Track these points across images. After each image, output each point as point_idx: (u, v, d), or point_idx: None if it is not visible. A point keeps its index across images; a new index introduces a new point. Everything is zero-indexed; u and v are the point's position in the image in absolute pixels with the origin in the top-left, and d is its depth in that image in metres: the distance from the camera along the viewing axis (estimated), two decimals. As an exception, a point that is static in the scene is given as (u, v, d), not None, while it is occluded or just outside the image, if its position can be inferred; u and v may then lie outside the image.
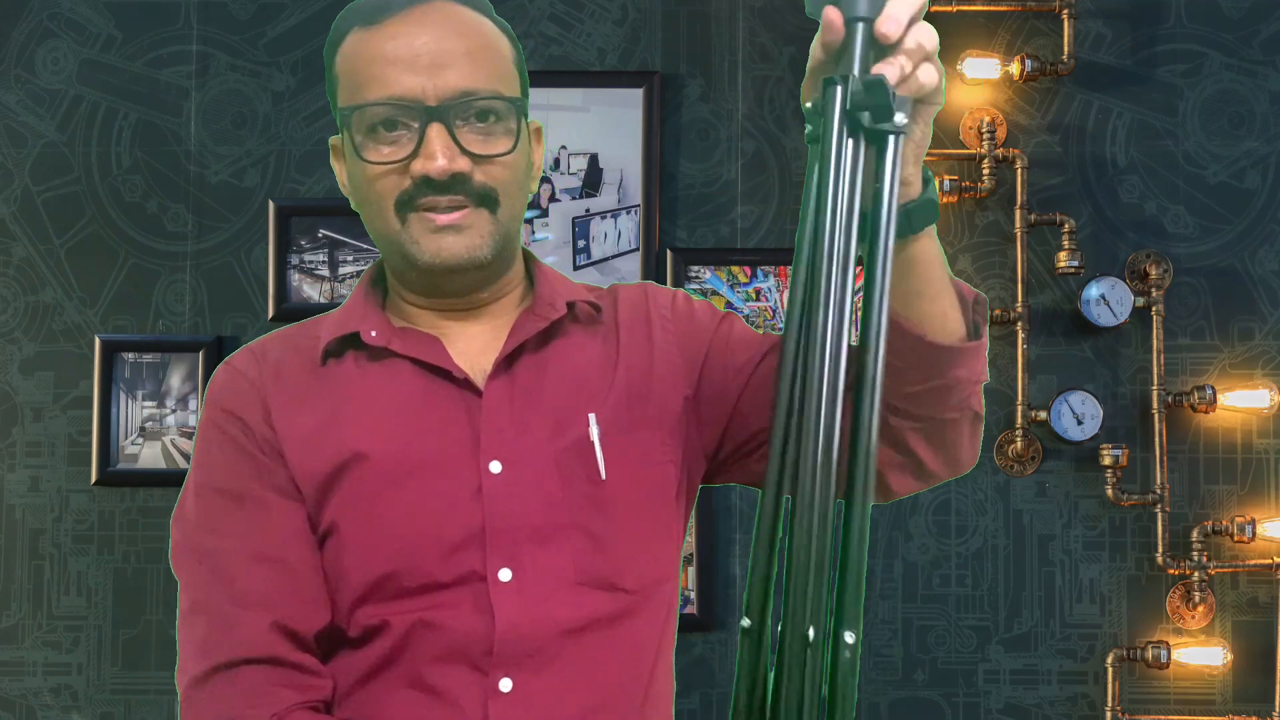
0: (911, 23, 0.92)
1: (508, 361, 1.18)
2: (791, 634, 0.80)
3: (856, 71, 0.88)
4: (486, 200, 1.13)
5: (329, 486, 1.14)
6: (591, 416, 1.16)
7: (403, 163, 1.12)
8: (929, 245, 1.04)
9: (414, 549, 1.12)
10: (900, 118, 0.89)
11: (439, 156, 1.10)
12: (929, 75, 0.95)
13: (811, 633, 0.80)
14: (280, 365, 1.19)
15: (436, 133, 1.10)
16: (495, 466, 1.13)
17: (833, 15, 0.90)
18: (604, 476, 1.15)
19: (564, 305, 1.20)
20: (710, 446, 1.24)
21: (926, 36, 0.94)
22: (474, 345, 1.20)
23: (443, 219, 1.12)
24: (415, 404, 1.16)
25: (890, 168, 0.89)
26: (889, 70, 0.91)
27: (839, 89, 0.86)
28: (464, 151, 1.11)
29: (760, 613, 0.83)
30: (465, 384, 1.16)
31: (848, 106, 0.86)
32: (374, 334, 1.18)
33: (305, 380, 1.18)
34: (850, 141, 0.87)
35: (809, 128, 0.90)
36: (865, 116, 0.87)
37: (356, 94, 1.13)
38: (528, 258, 1.26)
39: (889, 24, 0.90)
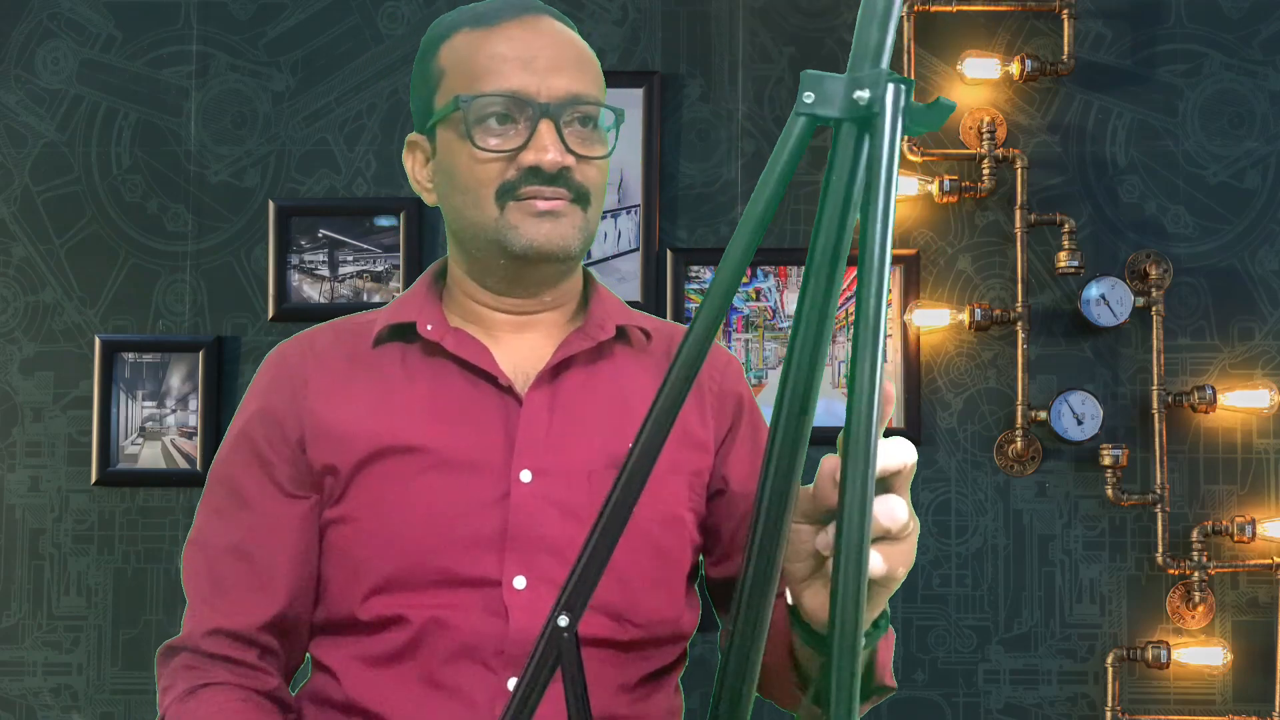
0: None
1: (553, 374, 1.20)
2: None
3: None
4: (582, 198, 1.19)
5: (359, 471, 1.16)
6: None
7: (511, 153, 1.17)
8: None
9: (434, 545, 1.13)
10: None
11: (550, 150, 1.16)
12: (874, 564, 0.81)
13: None
14: (326, 349, 1.23)
15: (547, 128, 1.16)
16: (526, 475, 1.15)
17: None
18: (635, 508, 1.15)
19: (613, 328, 1.23)
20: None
21: (885, 511, 0.80)
22: (521, 352, 1.22)
23: (544, 205, 1.17)
24: (457, 403, 1.18)
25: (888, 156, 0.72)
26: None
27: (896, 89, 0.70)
28: (569, 149, 1.17)
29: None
30: (508, 390, 1.18)
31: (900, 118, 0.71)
32: (429, 328, 1.21)
33: (350, 365, 1.21)
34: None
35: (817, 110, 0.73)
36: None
37: (472, 85, 1.18)
38: (586, 276, 1.30)
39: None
